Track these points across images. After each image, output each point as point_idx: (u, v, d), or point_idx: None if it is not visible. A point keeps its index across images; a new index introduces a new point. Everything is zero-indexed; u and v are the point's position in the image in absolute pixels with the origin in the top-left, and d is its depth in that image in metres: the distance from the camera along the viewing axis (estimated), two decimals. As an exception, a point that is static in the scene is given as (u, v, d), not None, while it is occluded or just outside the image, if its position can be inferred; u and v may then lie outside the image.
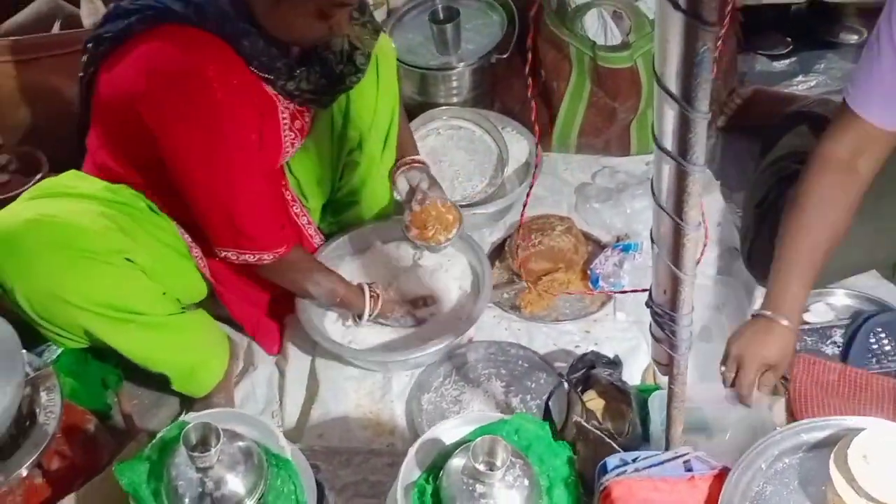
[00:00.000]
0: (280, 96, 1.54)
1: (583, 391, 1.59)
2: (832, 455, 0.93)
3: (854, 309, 1.72)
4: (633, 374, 1.68)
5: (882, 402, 1.49)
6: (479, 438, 1.07)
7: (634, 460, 1.04)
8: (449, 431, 1.16)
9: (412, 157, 1.82)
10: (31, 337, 1.55)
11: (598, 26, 2.01)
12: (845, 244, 1.45)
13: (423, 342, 1.68)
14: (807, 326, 1.69)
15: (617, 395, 1.55)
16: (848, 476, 0.91)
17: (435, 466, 1.12)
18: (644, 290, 1.10)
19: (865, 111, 1.38)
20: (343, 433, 1.62)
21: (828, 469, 0.93)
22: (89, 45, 1.49)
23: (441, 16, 2.20)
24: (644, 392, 1.43)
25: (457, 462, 1.09)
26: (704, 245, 1.84)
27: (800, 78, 2.32)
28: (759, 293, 1.80)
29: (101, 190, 1.52)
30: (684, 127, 0.72)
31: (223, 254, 1.55)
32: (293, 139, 1.63)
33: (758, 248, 1.80)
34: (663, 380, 1.64)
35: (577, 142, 2.15)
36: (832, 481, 0.92)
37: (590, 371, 1.60)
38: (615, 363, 1.56)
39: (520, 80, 2.21)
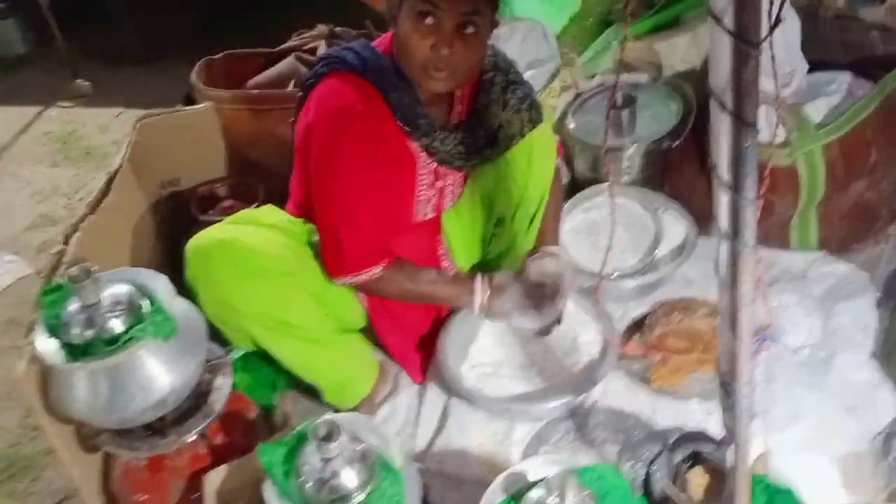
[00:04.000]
0: (421, 155, 1.72)
1: (691, 466, 1.65)
2: None
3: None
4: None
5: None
6: (555, 474, 1.20)
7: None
8: (537, 468, 1.29)
9: (547, 248, 1.90)
10: (223, 338, 1.84)
11: (764, 123, 2.07)
12: None
13: (544, 397, 1.80)
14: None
15: (722, 476, 1.59)
16: None
17: (518, 494, 1.26)
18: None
19: None
20: (460, 464, 1.76)
21: None
22: (300, 94, 1.76)
23: (619, 101, 2.35)
24: (746, 478, 1.46)
25: (534, 493, 1.22)
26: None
27: None
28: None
29: (284, 222, 1.77)
30: (736, 146, 0.79)
31: (340, 282, 1.71)
32: (430, 197, 1.80)
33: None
34: (775, 472, 1.66)
35: (736, 231, 2.19)
36: None
37: (698, 448, 1.66)
38: (719, 444, 1.60)
39: (690, 166, 2.30)
